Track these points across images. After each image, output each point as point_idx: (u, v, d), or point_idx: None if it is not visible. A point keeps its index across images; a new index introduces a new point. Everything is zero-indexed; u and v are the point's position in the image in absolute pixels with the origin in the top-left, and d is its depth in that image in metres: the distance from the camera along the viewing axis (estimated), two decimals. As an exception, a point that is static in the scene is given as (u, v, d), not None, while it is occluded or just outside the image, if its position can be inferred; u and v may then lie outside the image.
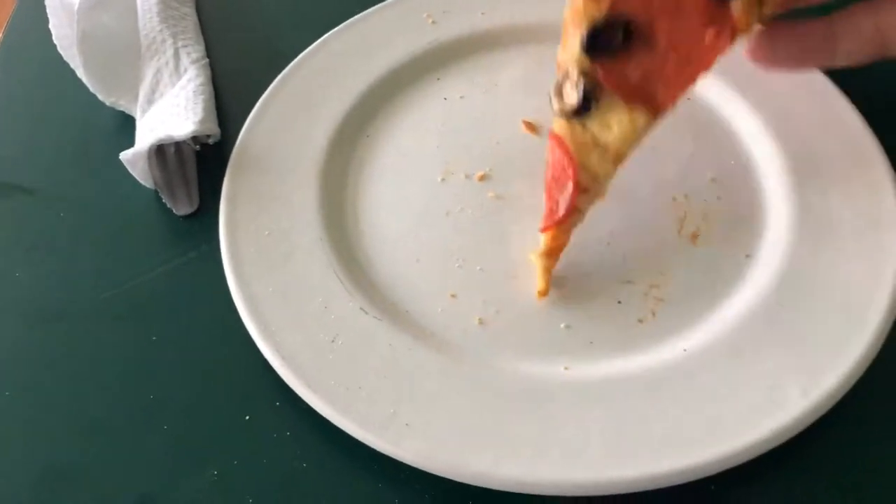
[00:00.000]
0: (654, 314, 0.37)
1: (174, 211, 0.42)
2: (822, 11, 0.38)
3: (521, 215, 0.40)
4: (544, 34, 0.47)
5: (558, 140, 0.36)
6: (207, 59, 0.47)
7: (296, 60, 0.45)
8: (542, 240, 0.37)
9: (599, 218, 0.39)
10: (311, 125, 0.43)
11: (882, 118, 0.42)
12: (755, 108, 0.43)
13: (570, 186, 0.35)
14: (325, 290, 0.37)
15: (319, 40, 0.46)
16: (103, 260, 0.41)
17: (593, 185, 0.36)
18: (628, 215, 0.40)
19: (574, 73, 0.35)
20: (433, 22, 0.47)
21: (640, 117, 0.35)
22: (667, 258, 0.38)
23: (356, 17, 0.48)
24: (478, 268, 0.39)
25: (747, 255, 0.38)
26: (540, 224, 0.36)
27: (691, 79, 0.35)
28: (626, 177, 0.40)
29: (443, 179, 0.42)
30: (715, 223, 0.39)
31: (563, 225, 0.36)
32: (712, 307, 0.37)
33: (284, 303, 0.37)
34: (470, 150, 0.43)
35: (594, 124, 0.35)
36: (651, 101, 0.34)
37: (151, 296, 0.40)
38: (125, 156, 0.41)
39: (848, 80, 0.43)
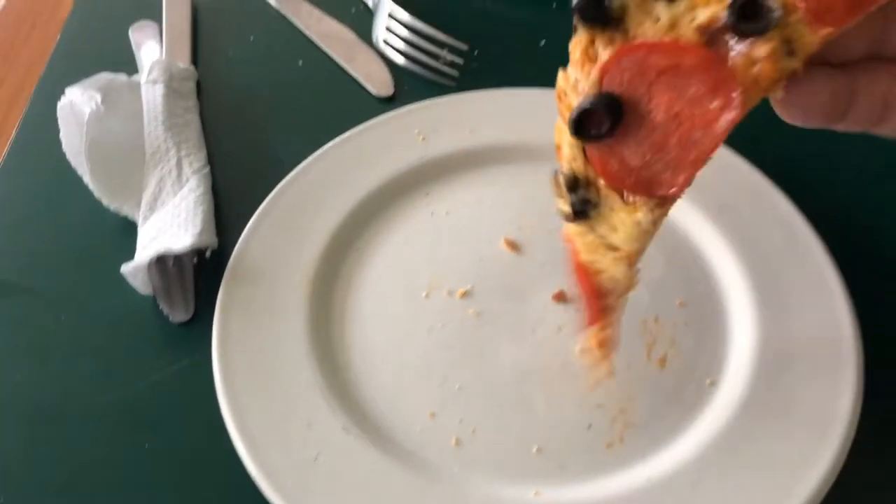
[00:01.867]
0: (622, 439, 0.39)
1: (170, 318, 0.44)
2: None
3: (499, 333, 0.42)
4: (528, 154, 0.49)
5: (570, 241, 0.34)
6: (209, 168, 0.50)
7: (291, 174, 0.48)
8: (587, 334, 0.37)
9: (572, 339, 0.42)
10: (303, 238, 0.46)
11: (844, 246, 0.45)
12: (724, 234, 0.45)
13: (589, 295, 0.35)
14: (310, 408, 0.39)
15: (315, 154, 0.49)
16: (100, 364, 0.43)
17: (616, 285, 0.35)
18: (601, 337, 0.42)
19: (562, 181, 0.33)
20: (423, 139, 0.50)
21: (644, 214, 0.32)
22: (636, 382, 0.40)
23: (351, 131, 0.50)
24: (456, 386, 0.41)
25: (711, 382, 0.40)
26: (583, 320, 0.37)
27: (699, 160, 0.30)
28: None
29: (427, 295, 0.44)
30: (682, 348, 0.42)
31: (602, 321, 0.36)
32: (677, 433, 0.39)
33: (271, 418, 0.38)
34: (453, 267, 0.45)
35: (601, 227, 0.33)
36: (655, 189, 0.31)
37: (146, 403, 0.41)
38: (126, 268, 0.43)
39: (813, 207, 0.45)
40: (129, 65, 0.57)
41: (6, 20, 0.62)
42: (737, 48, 0.29)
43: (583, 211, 0.32)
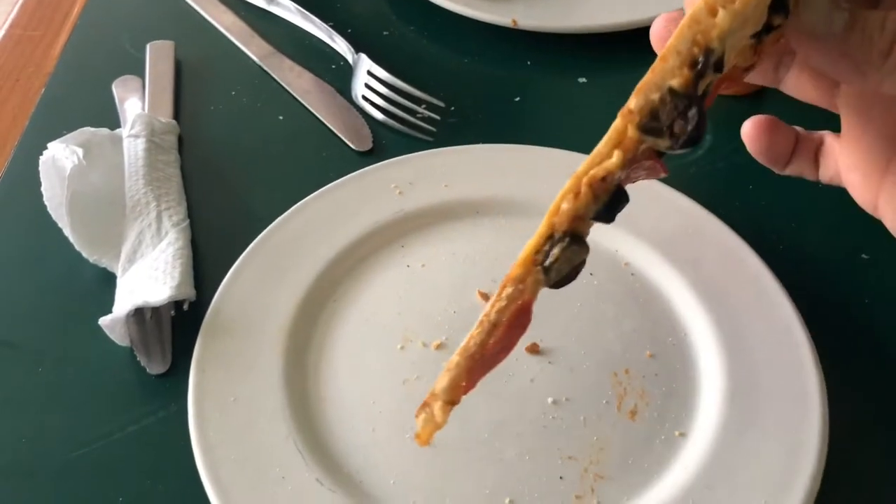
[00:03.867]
0: (592, 490, 0.39)
1: (148, 370, 0.45)
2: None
3: (473, 386, 0.43)
4: (502, 208, 0.51)
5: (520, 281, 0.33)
6: (188, 221, 0.51)
7: (269, 228, 0.49)
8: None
9: (545, 390, 0.42)
10: (280, 291, 0.46)
11: (811, 300, 0.46)
12: (693, 288, 0.46)
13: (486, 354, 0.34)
14: (284, 460, 0.39)
15: (292, 208, 0.50)
16: (76, 416, 0.43)
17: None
18: (571, 388, 0.43)
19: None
20: (400, 193, 0.51)
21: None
22: (606, 434, 0.41)
23: (328, 185, 0.51)
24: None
25: (681, 434, 0.41)
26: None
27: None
28: (570, 350, 0.43)
29: (402, 347, 0.45)
30: (652, 400, 0.42)
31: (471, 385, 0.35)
32: (647, 485, 0.39)
33: (245, 471, 0.39)
34: (428, 319, 0.46)
35: None
36: None
37: (120, 456, 0.42)
38: (104, 321, 0.44)
39: (780, 263, 0.47)
40: (112, 119, 0.58)
41: (-9, 73, 0.64)
42: None
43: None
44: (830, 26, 0.30)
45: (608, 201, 0.31)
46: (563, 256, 0.31)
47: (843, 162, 0.36)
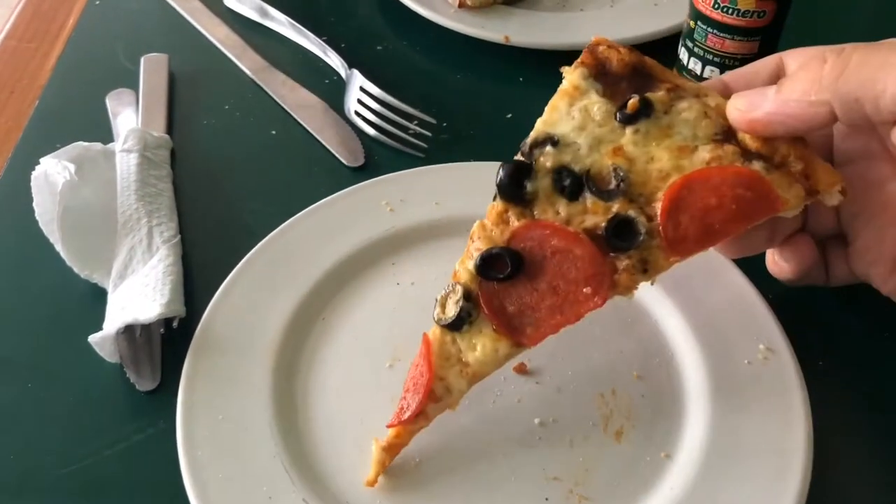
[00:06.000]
0: (577, 512, 0.39)
1: (137, 386, 0.45)
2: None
3: (460, 405, 0.43)
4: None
5: (427, 346, 0.40)
6: (179, 237, 0.51)
7: (259, 245, 0.49)
8: (387, 434, 0.40)
9: (532, 411, 0.43)
10: (269, 309, 0.46)
11: (799, 321, 0.46)
12: (679, 309, 0.47)
13: (422, 393, 0.39)
14: (271, 480, 0.39)
15: (283, 225, 0.50)
16: (65, 433, 0.43)
17: (446, 396, 0.40)
18: (558, 409, 0.43)
19: (459, 291, 0.40)
20: (391, 210, 0.52)
21: (504, 347, 0.39)
22: (592, 455, 0.41)
23: (319, 202, 0.52)
24: (416, 459, 0.41)
25: (666, 455, 0.41)
26: (390, 419, 0.40)
27: (557, 327, 0.39)
28: (557, 370, 0.43)
29: (390, 366, 0.45)
30: (638, 421, 0.43)
31: (408, 426, 0.39)
32: (631, 507, 0.39)
33: (231, 490, 0.39)
34: (417, 338, 0.46)
35: (463, 341, 0.40)
36: (518, 335, 0.39)
37: (109, 473, 0.42)
38: (94, 339, 0.44)
39: (767, 283, 0.47)
40: (105, 131, 0.58)
41: (-15, 85, 0.64)
42: (611, 255, 0.39)
43: (459, 322, 0.39)
44: None
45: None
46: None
47: (861, 262, 0.44)
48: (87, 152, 0.52)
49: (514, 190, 0.41)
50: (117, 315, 0.45)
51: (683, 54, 0.60)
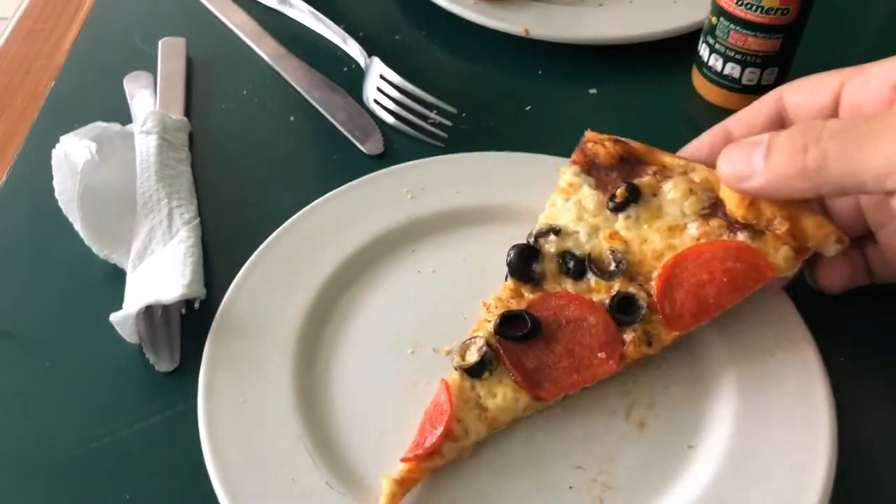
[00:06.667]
0: (600, 501, 0.39)
1: (156, 367, 0.44)
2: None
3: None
4: (512, 215, 0.51)
5: (447, 386, 0.40)
6: (199, 219, 0.51)
7: (280, 229, 0.49)
8: (400, 468, 0.39)
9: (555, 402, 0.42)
10: (290, 293, 0.46)
11: (819, 311, 0.46)
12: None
13: (440, 430, 0.39)
14: (294, 462, 0.39)
15: (303, 210, 0.50)
16: (84, 412, 0.43)
17: (463, 438, 0.40)
18: (581, 398, 0.43)
19: (481, 341, 0.41)
20: (412, 197, 0.51)
21: (523, 399, 0.40)
22: (615, 445, 0.41)
23: (340, 188, 0.51)
24: (439, 443, 0.41)
25: (690, 446, 0.41)
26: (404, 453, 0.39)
27: (575, 385, 0.41)
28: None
29: (412, 352, 0.45)
30: (661, 411, 0.43)
31: (422, 462, 0.39)
32: (656, 497, 0.39)
33: (254, 473, 0.39)
34: (439, 324, 0.46)
35: (482, 388, 0.41)
36: (537, 389, 0.41)
37: (128, 453, 0.41)
38: (115, 317, 0.43)
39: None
40: (122, 114, 0.58)
41: (1, 65, 0.63)
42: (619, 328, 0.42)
43: (479, 370, 0.41)
44: None
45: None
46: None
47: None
48: (106, 132, 0.52)
49: (524, 270, 0.44)
50: (138, 295, 0.45)
51: (704, 51, 0.60)
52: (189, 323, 0.46)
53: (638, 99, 0.62)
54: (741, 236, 0.43)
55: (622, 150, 0.47)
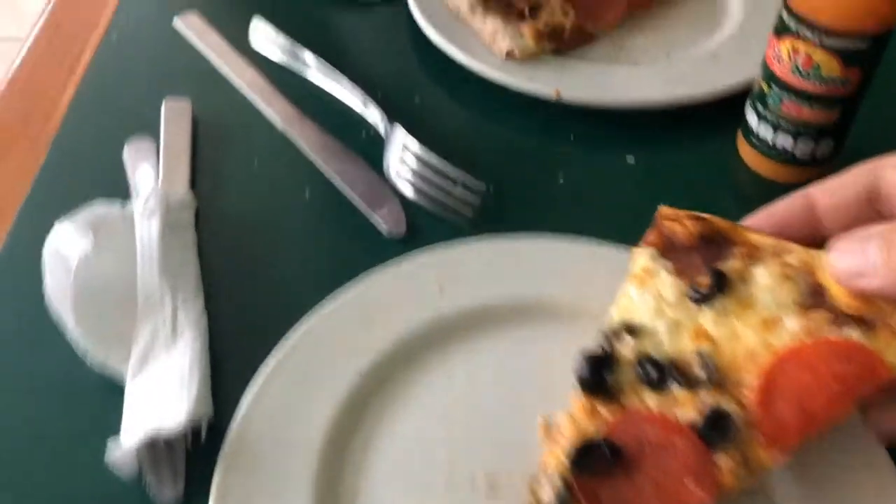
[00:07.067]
0: None
1: (156, 499, 0.39)
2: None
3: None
4: (551, 312, 0.46)
5: None
6: (206, 317, 0.46)
7: (297, 335, 0.44)
8: None
9: None
10: (308, 413, 0.41)
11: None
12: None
13: None
14: None
15: (320, 312, 0.45)
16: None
17: None
18: None
19: (555, 476, 0.36)
20: (440, 289, 0.46)
21: None
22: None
23: (361, 282, 0.46)
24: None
25: None
26: None
27: None
28: None
29: (446, 484, 0.40)
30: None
31: None
32: None
33: None
34: (477, 448, 0.41)
35: None
36: None
37: None
38: (112, 457, 0.38)
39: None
40: (121, 184, 0.53)
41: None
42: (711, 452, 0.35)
43: None
44: None
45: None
46: None
47: None
48: (105, 218, 0.47)
49: (598, 382, 0.38)
50: (139, 419, 0.40)
51: (752, 117, 0.56)
52: (195, 446, 0.41)
53: (680, 169, 0.57)
54: (851, 332, 0.37)
55: (704, 228, 0.41)
